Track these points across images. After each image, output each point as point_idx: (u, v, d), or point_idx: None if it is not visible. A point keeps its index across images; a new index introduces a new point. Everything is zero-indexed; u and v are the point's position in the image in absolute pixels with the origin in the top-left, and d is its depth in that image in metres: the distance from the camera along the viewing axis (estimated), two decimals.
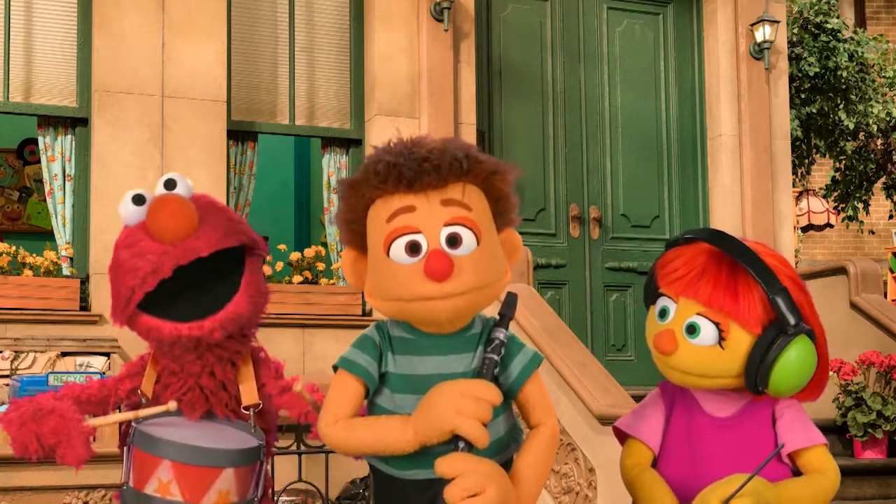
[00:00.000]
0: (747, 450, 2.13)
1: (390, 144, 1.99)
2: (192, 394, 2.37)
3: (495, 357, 1.91)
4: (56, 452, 2.24)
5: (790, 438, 2.14)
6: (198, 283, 2.27)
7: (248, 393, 2.39)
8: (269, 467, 2.55)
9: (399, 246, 1.94)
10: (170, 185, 2.35)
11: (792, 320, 2.04)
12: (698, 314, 2.09)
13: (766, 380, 2.06)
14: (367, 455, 2.04)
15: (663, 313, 2.14)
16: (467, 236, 1.94)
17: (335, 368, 2.06)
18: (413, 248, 1.93)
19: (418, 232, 1.93)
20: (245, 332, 2.45)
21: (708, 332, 2.08)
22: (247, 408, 2.38)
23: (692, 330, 2.09)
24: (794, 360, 2.05)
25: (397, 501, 1.99)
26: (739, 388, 2.12)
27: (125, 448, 2.31)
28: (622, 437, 2.29)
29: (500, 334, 1.94)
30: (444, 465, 1.79)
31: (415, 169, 1.92)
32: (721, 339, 2.08)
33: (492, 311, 2.05)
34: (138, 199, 2.33)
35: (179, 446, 2.24)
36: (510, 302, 1.99)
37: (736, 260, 2.08)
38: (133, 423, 2.31)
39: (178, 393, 2.37)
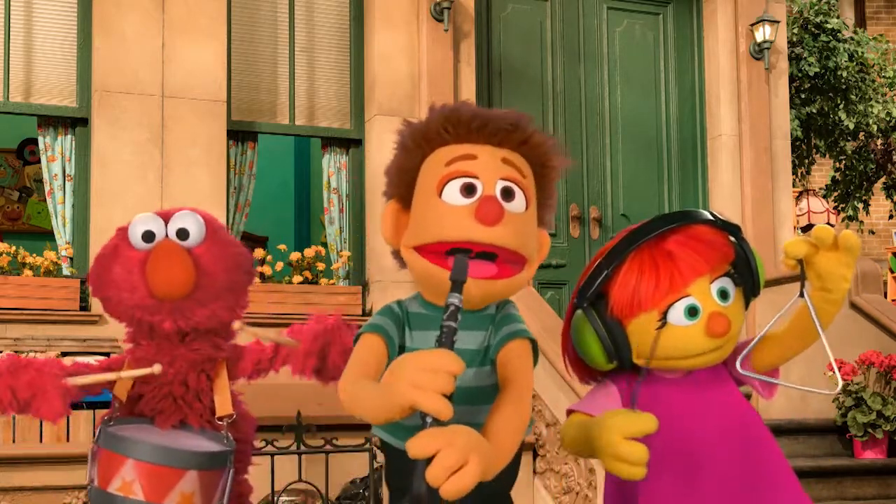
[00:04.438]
0: (715, 396, 2.13)
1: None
2: (165, 402, 2.39)
3: (453, 324, 1.80)
4: (31, 407, 2.24)
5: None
6: None
7: (223, 403, 2.40)
8: (246, 476, 2.56)
9: (454, 186, 1.96)
10: (182, 234, 2.38)
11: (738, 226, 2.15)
12: (715, 281, 2.09)
13: (758, 272, 2.12)
14: (376, 428, 2.02)
15: (693, 311, 2.07)
16: (519, 196, 1.99)
17: (356, 338, 2.04)
18: (468, 190, 1.95)
19: (475, 177, 1.96)
20: (216, 339, 2.47)
21: (732, 288, 2.11)
22: (220, 418, 2.39)
23: (724, 295, 2.10)
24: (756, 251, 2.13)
25: (406, 473, 1.94)
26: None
27: (92, 448, 2.32)
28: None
29: (455, 300, 1.83)
30: (417, 446, 1.65)
31: (487, 116, 1.98)
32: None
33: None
34: (148, 237, 2.36)
35: (144, 445, 2.24)
36: (460, 266, 1.89)
37: (654, 232, 2.10)
38: (102, 425, 2.33)
39: (151, 402, 2.39)
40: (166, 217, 2.43)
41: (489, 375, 2.07)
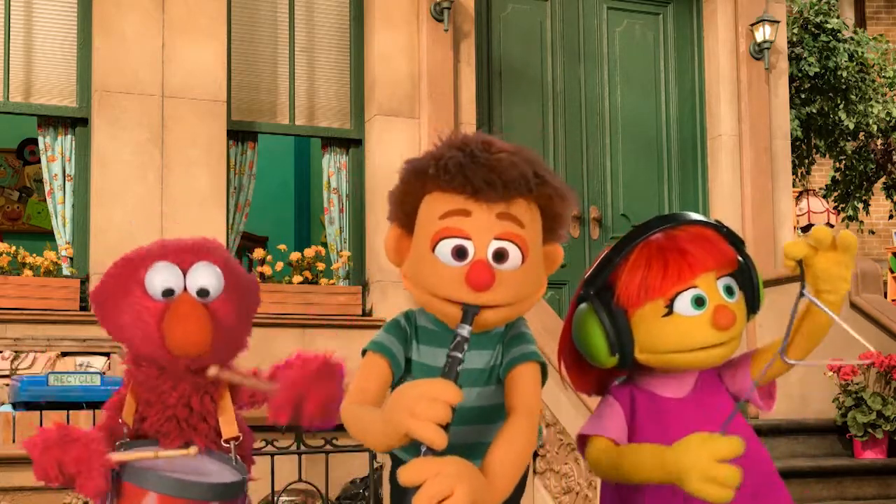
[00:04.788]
0: (717, 418, 2.13)
1: (461, 140, 1.98)
2: (169, 425, 2.37)
3: (458, 355, 1.84)
4: (76, 482, 2.22)
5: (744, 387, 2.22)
6: None
7: (228, 425, 2.38)
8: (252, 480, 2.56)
9: (446, 247, 1.93)
10: (203, 293, 2.35)
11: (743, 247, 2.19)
12: (721, 278, 2.11)
13: (759, 287, 2.17)
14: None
15: (700, 301, 2.09)
16: (514, 253, 1.94)
17: (364, 352, 2.08)
18: (459, 254, 1.92)
19: (468, 238, 1.92)
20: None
21: (737, 289, 2.14)
22: (227, 441, 2.38)
23: (730, 291, 2.12)
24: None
25: (410, 489, 1.96)
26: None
27: (111, 479, 2.26)
28: (585, 443, 2.21)
29: (463, 331, 1.88)
30: (407, 474, 1.68)
31: (483, 178, 1.91)
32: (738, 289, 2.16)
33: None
34: (168, 293, 2.33)
35: (166, 479, 2.22)
36: None
37: (662, 227, 2.13)
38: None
39: (155, 425, 2.37)
40: (183, 264, 2.36)
41: (495, 395, 2.08)
